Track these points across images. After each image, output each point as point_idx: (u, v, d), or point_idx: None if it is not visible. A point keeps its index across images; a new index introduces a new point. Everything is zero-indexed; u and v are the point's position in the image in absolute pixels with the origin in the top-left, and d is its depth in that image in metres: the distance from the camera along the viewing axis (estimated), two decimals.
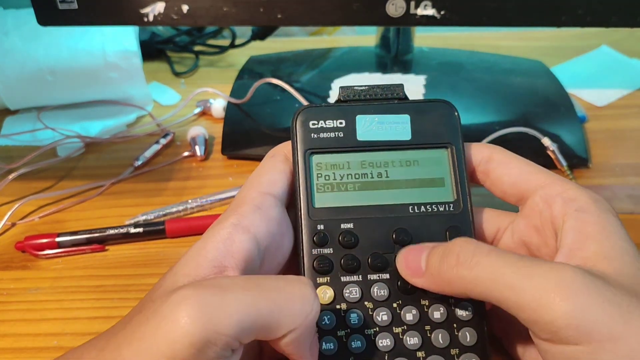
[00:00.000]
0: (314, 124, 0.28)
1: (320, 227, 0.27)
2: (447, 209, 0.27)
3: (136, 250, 0.42)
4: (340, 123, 0.28)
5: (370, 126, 0.28)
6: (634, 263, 0.23)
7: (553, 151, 0.46)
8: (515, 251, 0.27)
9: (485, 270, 0.22)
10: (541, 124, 0.50)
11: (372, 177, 0.28)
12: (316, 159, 0.28)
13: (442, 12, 0.43)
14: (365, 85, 0.29)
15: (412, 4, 0.43)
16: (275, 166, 0.28)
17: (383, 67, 0.59)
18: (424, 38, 0.64)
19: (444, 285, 0.24)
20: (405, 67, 0.59)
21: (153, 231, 0.42)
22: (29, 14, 0.47)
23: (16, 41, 0.53)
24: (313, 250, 0.26)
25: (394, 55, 0.60)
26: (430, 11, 0.43)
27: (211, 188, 0.47)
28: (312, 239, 0.27)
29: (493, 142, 0.46)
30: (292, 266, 0.28)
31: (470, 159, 0.28)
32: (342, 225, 0.27)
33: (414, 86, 0.55)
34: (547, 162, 0.47)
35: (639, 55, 0.64)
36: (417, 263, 0.25)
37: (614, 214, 0.25)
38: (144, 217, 0.44)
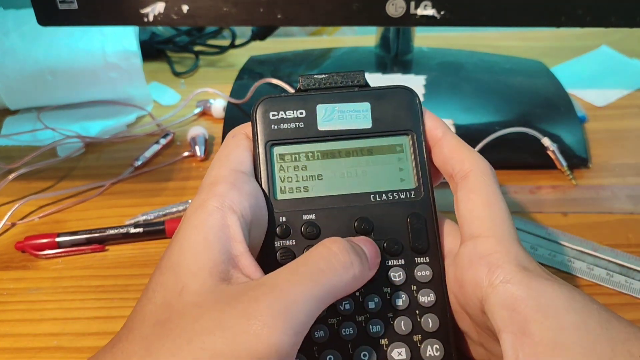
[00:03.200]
0: (274, 115, 0.28)
1: (283, 219, 0.27)
2: (408, 196, 0.27)
3: (136, 250, 0.42)
4: (301, 113, 0.28)
5: (331, 115, 0.28)
6: (597, 340, 0.20)
7: (553, 151, 0.46)
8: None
9: None
10: (541, 124, 0.50)
11: (333, 168, 0.28)
12: (277, 150, 0.28)
13: (442, 12, 0.43)
14: (325, 74, 0.29)
15: (412, 4, 0.43)
16: (239, 144, 0.28)
17: (383, 67, 0.59)
18: (424, 38, 0.64)
19: None
20: (405, 67, 0.59)
21: (153, 231, 0.42)
22: (29, 14, 0.47)
23: (16, 41, 0.53)
24: (276, 242, 0.27)
25: (394, 55, 0.60)
26: (430, 11, 0.43)
27: None
28: (274, 231, 0.27)
29: (493, 142, 0.46)
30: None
31: (450, 164, 0.27)
32: (304, 217, 0.27)
33: (414, 86, 0.55)
34: (547, 162, 0.47)
35: (639, 55, 0.64)
36: None
37: (547, 278, 0.23)
38: (144, 217, 0.44)
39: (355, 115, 0.28)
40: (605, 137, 0.52)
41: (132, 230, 0.42)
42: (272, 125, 0.28)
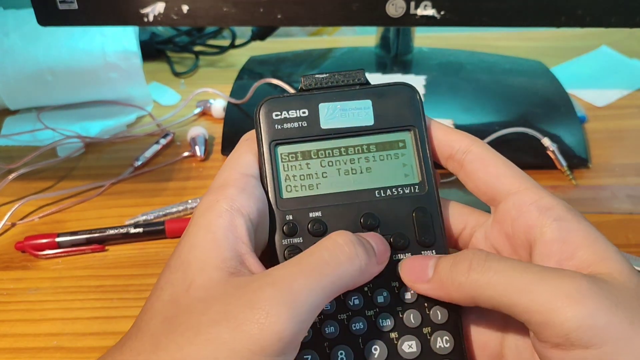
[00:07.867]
0: (277, 115, 0.28)
1: (289, 217, 0.27)
2: (412, 190, 0.28)
3: (136, 251, 0.42)
4: (304, 112, 0.28)
5: (333, 114, 0.28)
6: (626, 262, 0.23)
7: (553, 151, 0.46)
8: None
9: (498, 274, 0.23)
10: (541, 124, 0.50)
11: (337, 165, 0.28)
12: (281, 149, 0.28)
13: (442, 12, 0.43)
14: (326, 73, 0.29)
15: (412, 4, 0.43)
16: (250, 148, 0.28)
17: (383, 67, 0.59)
18: (424, 38, 0.64)
19: (452, 290, 0.24)
20: (405, 67, 0.59)
21: (153, 231, 0.42)
22: (29, 14, 0.47)
23: (16, 41, 0.53)
24: (283, 240, 0.27)
25: (394, 55, 0.60)
26: (430, 11, 0.43)
27: None
28: (282, 229, 0.27)
29: (493, 142, 0.46)
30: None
31: (449, 144, 0.28)
32: (311, 214, 0.27)
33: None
34: (547, 162, 0.47)
35: (639, 55, 0.64)
36: (422, 270, 0.25)
37: (588, 221, 0.25)
38: (144, 217, 0.44)
39: (358, 112, 0.28)
40: (605, 137, 0.52)
41: (132, 231, 0.42)
42: (276, 125, 0.28)
